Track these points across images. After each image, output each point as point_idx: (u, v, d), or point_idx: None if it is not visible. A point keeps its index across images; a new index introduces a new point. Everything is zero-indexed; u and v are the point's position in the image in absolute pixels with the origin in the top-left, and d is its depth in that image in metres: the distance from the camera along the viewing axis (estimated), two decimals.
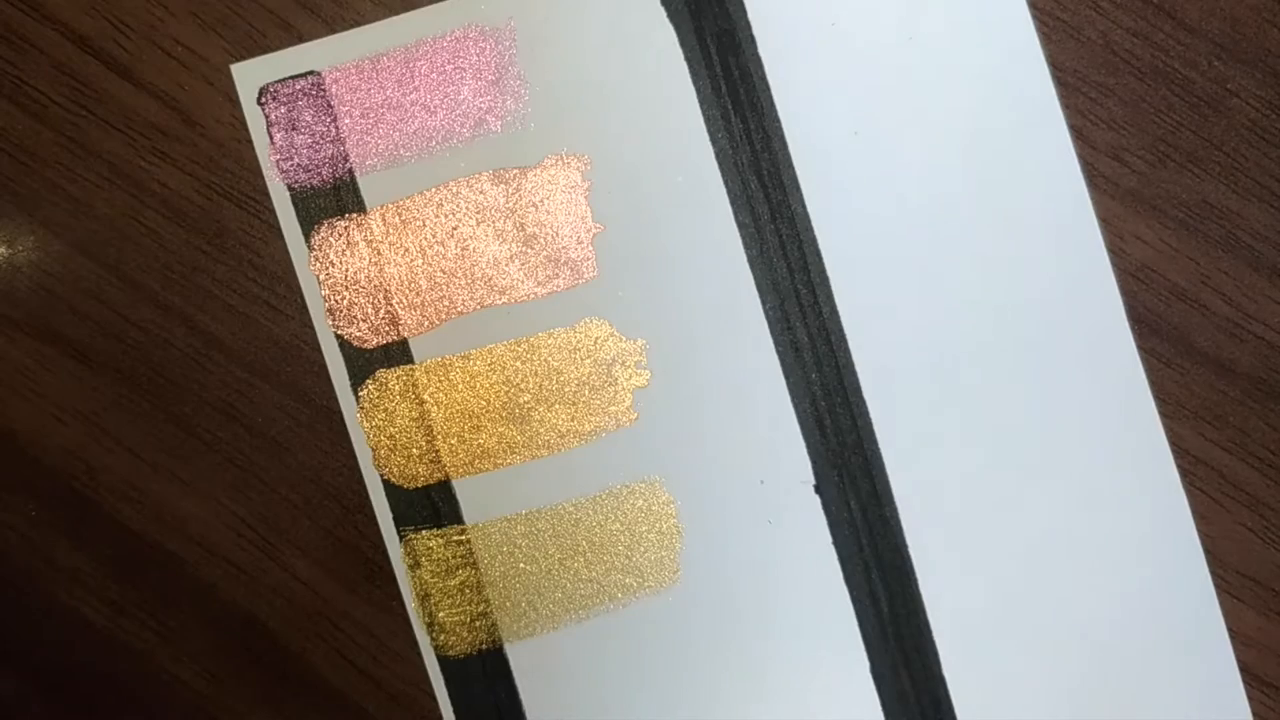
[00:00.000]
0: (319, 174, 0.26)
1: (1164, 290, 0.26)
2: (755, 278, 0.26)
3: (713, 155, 0.26)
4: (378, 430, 0.26)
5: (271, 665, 0.27)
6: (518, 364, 0.26)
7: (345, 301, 0.26)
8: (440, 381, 0.26)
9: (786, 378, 0.26)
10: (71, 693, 0.28)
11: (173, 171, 0.27)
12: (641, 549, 0.26)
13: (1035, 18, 0.26)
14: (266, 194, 0.27)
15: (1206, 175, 0.26)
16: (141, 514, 0.27)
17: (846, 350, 0.26)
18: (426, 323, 0.26)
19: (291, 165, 0.26)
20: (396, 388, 0.26)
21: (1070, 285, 0.26)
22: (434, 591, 0.27)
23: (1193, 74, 0.26)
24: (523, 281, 0.26)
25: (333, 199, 0.26)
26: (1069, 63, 0.26)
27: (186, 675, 0.28)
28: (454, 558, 0.27)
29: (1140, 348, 0.26)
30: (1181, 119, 0.26)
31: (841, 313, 0.26)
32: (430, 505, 0.27)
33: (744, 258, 0.26)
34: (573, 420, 0.26)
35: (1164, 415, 0.26)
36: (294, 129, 0.26)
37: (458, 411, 0.26)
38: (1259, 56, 0.26)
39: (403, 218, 0.26)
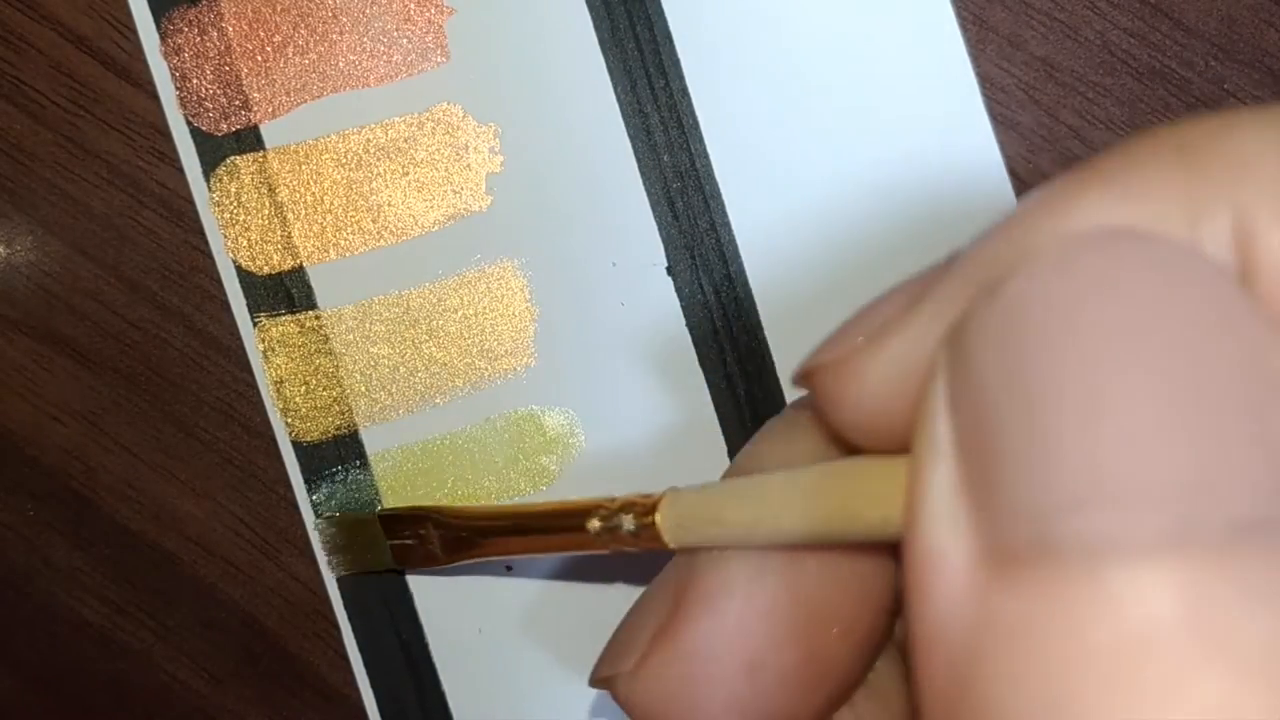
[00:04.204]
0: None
1: None
2: (607, 61, 0.26)
3: None
4: (230, 218, 0.26)
5: (271, 665, 0.27)
6: (369, 150, 0.26)
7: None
8: (291, 167, 0.26)
9: (638, 161, 0.26)
10: (69, 692, 0.28)
11: (171, 172, 0.27)
12: (495, 332, 0.26)
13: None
14: None
15: None
16: (140, 514, 0.27)
17: (699, 133, 0.26)
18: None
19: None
20: (249, 178, 0.26)
21: (937, 101, 0.26)
22: (289, 376, 0.26)
23: (1190, 74, 0.26)
24: (374, 67, 0.26)
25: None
26: (1066, 63, 0.26)
27: (185, 675, 0.28)
28: (309, 343, 0.26)
29: None
30: (1179, 119, 0.26)
31: (694, 95, 0.26)
32: (284, 292, 0.26)
33: (595, 39, 0.26)
34: (426, 205, 0.26)
35: None
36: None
37: (309, 197, 0.26)
38: (1256, 57, 0.26)
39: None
